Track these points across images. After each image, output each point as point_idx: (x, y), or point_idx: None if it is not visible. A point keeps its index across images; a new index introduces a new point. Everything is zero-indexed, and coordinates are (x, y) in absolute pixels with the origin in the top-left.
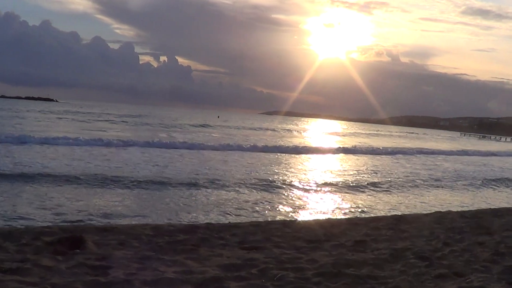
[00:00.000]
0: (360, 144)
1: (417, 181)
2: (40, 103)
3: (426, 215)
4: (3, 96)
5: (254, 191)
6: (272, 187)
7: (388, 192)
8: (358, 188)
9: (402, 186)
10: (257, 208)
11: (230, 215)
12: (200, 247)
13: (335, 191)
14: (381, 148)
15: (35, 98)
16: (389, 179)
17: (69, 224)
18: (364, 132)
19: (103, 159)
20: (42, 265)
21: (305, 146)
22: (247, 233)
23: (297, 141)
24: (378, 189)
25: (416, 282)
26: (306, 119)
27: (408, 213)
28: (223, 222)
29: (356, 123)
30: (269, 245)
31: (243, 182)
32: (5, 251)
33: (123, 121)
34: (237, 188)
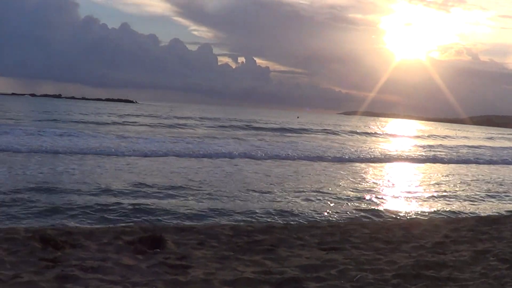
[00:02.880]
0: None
1: None
2: (123, 104)
3: (507, 217)
4: (84, 98)
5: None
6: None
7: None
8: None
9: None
10: (337, 209)
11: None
12: (279, 248)
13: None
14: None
15: (114, 99)
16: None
17: (149, 223)
18: (463, 136)
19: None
20: (122, 264)
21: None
22: (326, 233)
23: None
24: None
25: (497, 285)
26: (384, 119)
27: (488, 214)
28: (302, 223)
29: (436, 122)
30: (348, 246)
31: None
32: (87, 250)
33: (220, 126)
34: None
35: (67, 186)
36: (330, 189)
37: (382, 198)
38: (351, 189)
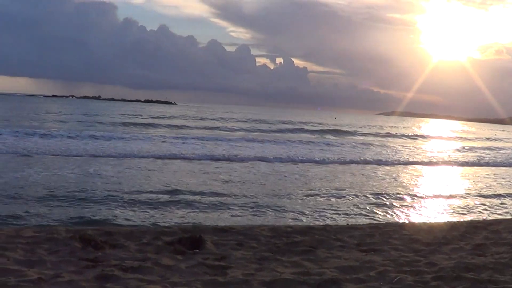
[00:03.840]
0: None
1: None
2: (162, 106)
3: None
4: (123, 100)
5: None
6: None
7: None
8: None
9: None
10: (376, 210)
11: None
12: (318, 249)
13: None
14: None
15: (153, 101)
16: None
17: (188, 224)
18: None
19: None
20: (162, 264)
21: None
22: (365, 235)
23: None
24: None
25: None
26: (423, 119)
27: None
28: (341, 224)
29: (477, 123)
30: (387, 248)
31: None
32: (127, 250)
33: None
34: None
35: (109, 187)
36: (370, 190)
37: (423, 200)
38: (392, 191)
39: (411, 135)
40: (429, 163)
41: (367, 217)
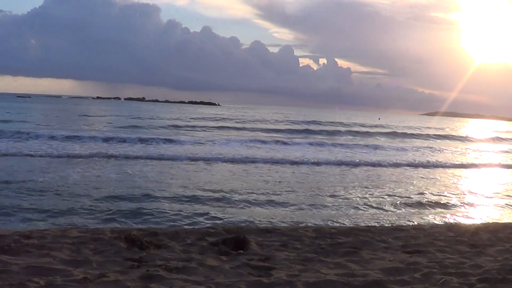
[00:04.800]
0: None
1: None
2: (205, 107)
3: None
4: (167, 101)
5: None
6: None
7: None
8: None
9: None
10: (421, 212)
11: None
12: (362, 250)
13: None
14: None
15: (197, 102)
16: None
17: (233, 225)
18: None
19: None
20: (206, 264)
21: None
22: (410, 236)
23: None
24: None
25: None
26: (469, 119)
27: None
28: (385, 225)
29: None
30: (432, 249)
31: None
32: (171, 250)
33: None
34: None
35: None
36: (415, 193)
37: (469, 202)
38: (438, 193)
39: (466, 137)
40: (480, 165)
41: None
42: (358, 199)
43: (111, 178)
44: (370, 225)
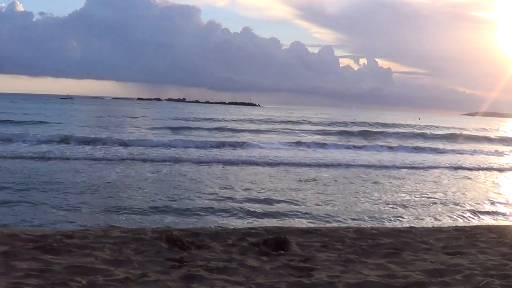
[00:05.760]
0: None
1: None
2: (245, 108)
3: None
4: (207, 102)
5: None
6: None
7: None
8: None
9: None
10: (463, 213)
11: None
12: (403, 251)
13: None
14: None
15: (237, 103)
16: None
17: (274, 225)
18: None
19: None
20: (247, 265)
21: None
22: (451, 237)
23: None
24: None
25: None
26: (510, 119)
27: None
28: (427, 226)
29: None
30: (474, 251)
31: None
32: (212, 251)
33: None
34: None
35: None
36: (458, 195)
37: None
38: (482, 196)
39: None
40: None
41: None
42: (401, 200)
43: (158, 179)
44: (411, 226)
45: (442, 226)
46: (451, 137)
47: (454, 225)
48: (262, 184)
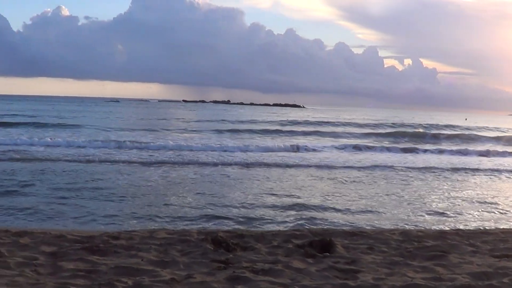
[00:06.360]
0: None
1: None
2: (291, 109)
3: None
4: (252, 104)
5: None
6: None
7: None
8: None
9: None
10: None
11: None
12: (450, 254)
13: None
14: None
15: (282, 104)
16: None
17: (319, 227)
18: None
19: None
20: (293, 267)
21: None
22: (498, 240)
23: None
24: None
25: None
26: None
27: None
28: (474, 229)
29: None
30: None
31: None
32: (258, 252)
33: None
34: None
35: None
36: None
37: None
38: None
39: None
40: None
41: None
42: (448, 202)
43: (205, 181)
44: (458, 228)
45: (489, 228)
46: (501, 139)
47: (501, 227)
48: (311, 187)
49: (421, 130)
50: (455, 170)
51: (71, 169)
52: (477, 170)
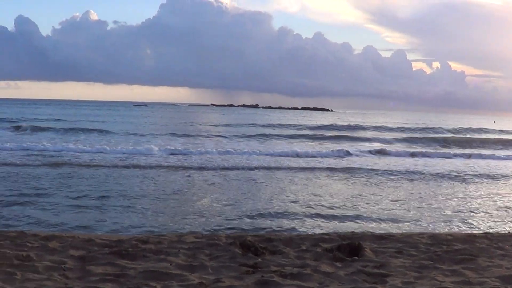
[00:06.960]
0: None
1: None
2: (321, 113)
3: None
4: (280, 108)
5: None
6: None
7: None
8: None
9: None
10: None
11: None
12: (479, 257)
13: None
14: None
15: (310, 108)
16: None
17: (347, 231)
18: None
19: None
20: (321, 271)
21: None
22: None
23: None
24: None
25: None
26: None
27: None
28: (503, 232)
29: None
30: None
31: None
32: (286, 256)
33: None
34: None
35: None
36: None
37: None
38: None
39: None
40: None
41: None
42: (477, 206)
43: (237, 187)
44: (487, 231)
45: None
46: None
47: None
48: (342, 192)
49: (447, 135)
50: (482, 174)
51: (101, 173)
52: (503, 175)
